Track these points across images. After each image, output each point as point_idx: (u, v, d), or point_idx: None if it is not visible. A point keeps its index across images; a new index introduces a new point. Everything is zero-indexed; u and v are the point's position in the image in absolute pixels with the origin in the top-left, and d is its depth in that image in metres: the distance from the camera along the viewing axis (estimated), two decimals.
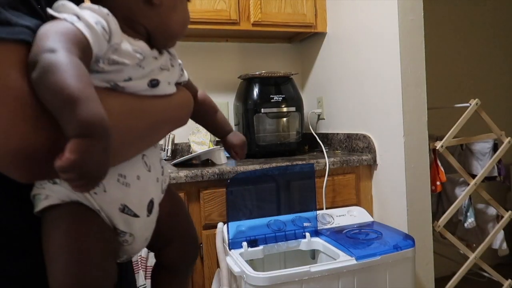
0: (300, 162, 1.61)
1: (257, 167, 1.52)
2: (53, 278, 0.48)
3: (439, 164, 1.72)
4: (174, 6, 0.58)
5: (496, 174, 1.92)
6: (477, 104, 1.71)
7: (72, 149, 0.38)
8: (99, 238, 0.51)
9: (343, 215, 1.52)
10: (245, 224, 1.35)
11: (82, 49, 0.46)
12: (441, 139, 1.68)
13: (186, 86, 0.69)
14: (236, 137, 0.81)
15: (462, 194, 1.76)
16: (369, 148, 1.70)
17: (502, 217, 1.87)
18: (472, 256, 1.75)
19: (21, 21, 0.44)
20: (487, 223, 1.98)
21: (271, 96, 1.81)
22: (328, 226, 1.46)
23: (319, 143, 1.88)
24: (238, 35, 2.05)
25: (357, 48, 1.76)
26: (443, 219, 1.68)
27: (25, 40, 0.44)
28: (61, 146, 0.40)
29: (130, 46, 0.52)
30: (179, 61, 0.66)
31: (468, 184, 1.76)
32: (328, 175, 1.60)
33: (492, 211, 1.97)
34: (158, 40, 0.58)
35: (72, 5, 0.48)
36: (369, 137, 1.70)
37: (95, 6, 0.50)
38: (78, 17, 0.47)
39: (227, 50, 2.15)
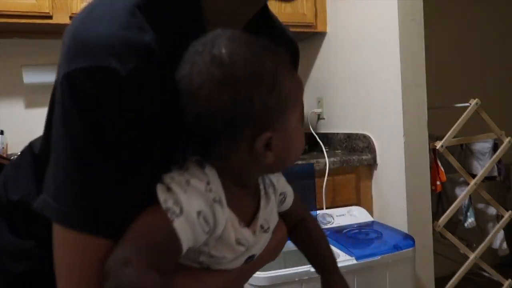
0: (300, 162, 1.60)
1: None
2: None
3: (439, 164, 1.72)
4: (290, 146, 0.51)
5: (496, 174, 1.92)
6: (477, 104, 1.70)
7: None
8: None
9: (343, 215, 1.52)
10: None
11: (168, 254, 0.44)
12: (441, 139, 1.68)
13: (289, 212, 0.64)
14: (339, 283, 0.66)
15: (462, 194, 1.76)
16: (369, 148, 1.69)
17: (502, 217, 1.87)
18: (472, 256, 1.74)
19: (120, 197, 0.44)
20: (487, 223, 1.97)
21: None
22: (328, 226, 1.46)
23: (319, 143, 1.88)
24: None
25: (357, 48, 1.76)
26: (443, 219, 1.68)
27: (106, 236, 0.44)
28: None
29: (234, 234, 0.49)
30: (283, 186, 0.60)
31: (468, 184, 1.76)
32: (328, 175, 1.60)
33: (492, 211, 1.97)
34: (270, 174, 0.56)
35: (178, 187, 0.45)
36: (369, 137, 1.70)
37: (202, 186, 0.46)
38: (181, 209, 0.44)
39: None
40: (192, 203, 0.45)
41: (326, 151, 1.73)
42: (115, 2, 0.45)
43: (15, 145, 1.79)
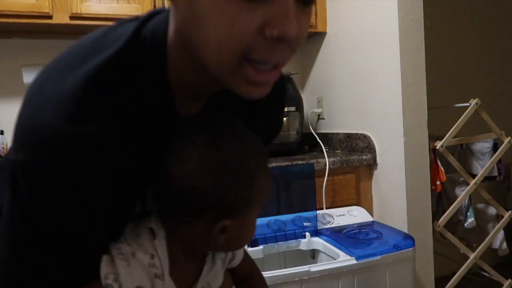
0: (300, 162, 1.60)
1: None
2: None
3: (439, 164, 1.72)
4: (241, 236, 0.54)
5: (496, 174, 1.92)
6: (477, 104, 1.70)
7: None
8: None
9: (343, 215, 1.52)
10: None
11: None
12: (441, 139, 1.68)
13: (237, 268, 0.65)
14: None
15: (462, 194, 1.76)
16: (369, 148, 1.69)
17: (502, 217, 1.87)
18: (472, 256, 1.74)
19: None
20: (487, 223, 1.97)
21: None
22: (328, 226, 1.46)
23: (319, 143, 1.88)
24: None
25: (357, 48, 1.76)
26: (443, 219, 1.68)
27: None
28: None
29: None
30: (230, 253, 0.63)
31: (468, 184, 1.76)
32: (328, 175, 1.60)
33: (492, 211, 1.97)
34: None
35: (121, 261, 0.47)
36: (369, 137, 1.70)
37: (146, 260, 0.49)
38: (120, 287, 0.46)
39: None
40: (132, 278, 0.47)
41: (326, 151, 1.73)
42: (66, 80, 0.44)
43: None
